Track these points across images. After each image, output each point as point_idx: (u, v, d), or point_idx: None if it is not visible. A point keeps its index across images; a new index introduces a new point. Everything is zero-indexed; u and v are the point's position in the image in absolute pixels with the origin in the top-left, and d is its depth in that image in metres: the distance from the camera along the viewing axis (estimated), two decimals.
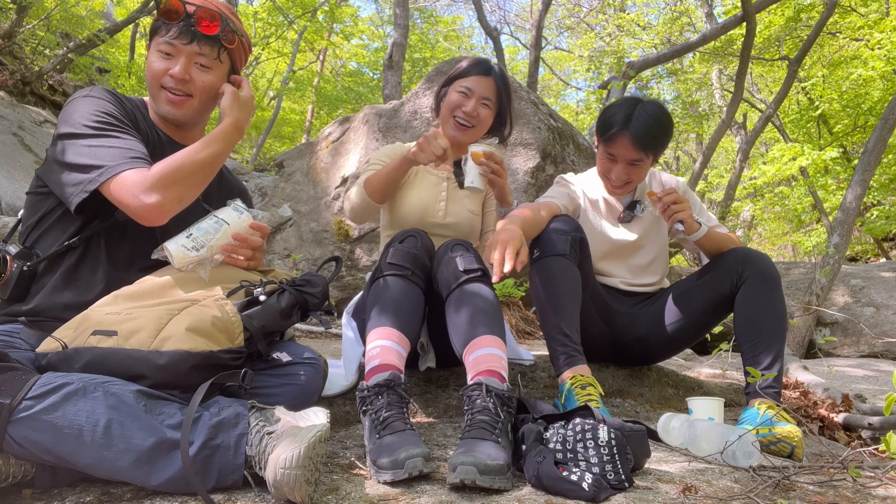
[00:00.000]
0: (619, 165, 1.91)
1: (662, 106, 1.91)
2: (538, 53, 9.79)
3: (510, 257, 1.48)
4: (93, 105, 1.35)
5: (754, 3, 6.64)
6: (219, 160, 1.38)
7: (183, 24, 1.39)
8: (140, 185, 1.25)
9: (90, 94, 1.39)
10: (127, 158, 1.28)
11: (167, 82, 1.43)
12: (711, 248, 1.90)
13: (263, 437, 1.06)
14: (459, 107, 1.87)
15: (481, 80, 1.87)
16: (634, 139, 1.83)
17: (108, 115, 1.34)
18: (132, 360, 1.12)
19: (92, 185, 1.26)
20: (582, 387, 1.63)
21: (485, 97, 1.88)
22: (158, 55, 1.42)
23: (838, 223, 5.00)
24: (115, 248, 1.39)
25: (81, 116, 1.32)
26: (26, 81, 7.89)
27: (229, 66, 1.50)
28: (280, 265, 4.21)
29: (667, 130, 1.89)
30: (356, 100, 14.00)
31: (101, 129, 1.31)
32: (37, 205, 1.39)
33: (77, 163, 1.28)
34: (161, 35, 1.41)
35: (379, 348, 1.41)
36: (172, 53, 1.42)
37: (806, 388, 2.49)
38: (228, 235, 1.37)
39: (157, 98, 1.46)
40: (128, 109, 1.42)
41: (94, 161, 1.27)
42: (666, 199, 1.79)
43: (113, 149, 1.29)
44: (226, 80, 1.49)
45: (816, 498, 1.16)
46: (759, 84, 13.44)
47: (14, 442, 1.01)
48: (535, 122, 3.79)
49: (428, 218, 1.91)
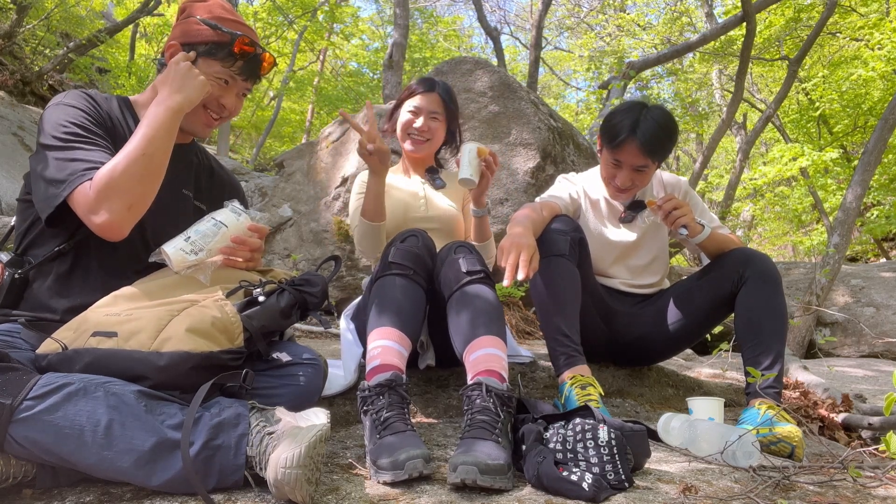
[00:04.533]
0: (624, 171, 1.91)
1: (667, 111, 1.92)
2: (538, 53, 9.79)
3: (524, 264, 1.50)
4: (62, 114, 1.33)
5: (754, 3, 6.65)
6: (159, 154, 1.29)
7: (247, 64, 1.46)
8: (86, 202, 1.23)
9: (62, 101, 1.36)
10: (87, 171, 1.26)
11: (213, 107, 1.48)
12: (713, 249, 1.90)
13: (264, 437, 1.06)
14: (411, 124, 2.02)
15: (427, 97, 2.02)
16: (642, 146, 1.83)
17: (76, 126, 1.32)
18: (132, 361, 1.12)
19: (56, 199, 1.25)
20: (582, 387, 1.63)
21: (432, 111, 2.02)
22: (215, 81, 1.44)
23: (838, 223, 5.01)
24: (106, 253, 1.36)
25: (52, 127, 1.31)
26: (26, 81, 7.89)
27: None
28: (280, 265, 4.21)
29: (672, 136, 1.89)
30: (356, 100, 14.00)
31: (68, 141, 1.29)
32: (26, 211, 1.38)
33: (45, 175, 1.28)
34: (223, 64, 1.44)
35: (380, 348, 1.41)
36: (230, 83, 1.47)
37: (806, 388, 2.49)
38: (227, 238, 1.36)
39: (192, 115, 1.44)
40: (103, 114, 1.40)
41: (60, 175, 1.26)
42: (666, 206, 1.79)
43: (76, 161, 1.27)
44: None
45: (816, 498, 1.16)
46: (759, 84, 13.44)
47: (15, 442, 1.01)
48: (535, 122, 3.80)
49: (411, 213, 1.99)
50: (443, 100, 2.02)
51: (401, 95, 2.10)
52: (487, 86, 3.90)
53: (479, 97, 3.88)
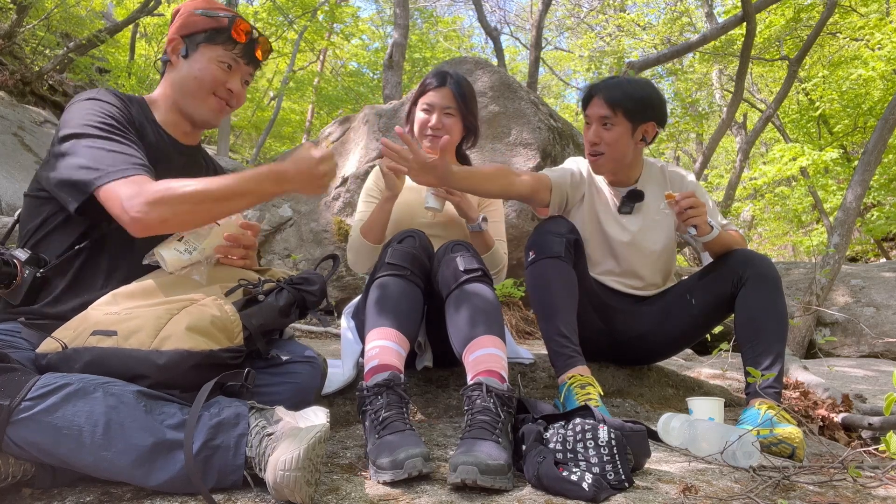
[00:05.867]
0: (592, 127, 1.92)
1: (647, 80, 1.96)
2: (538, 53, 9.78)
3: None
4: (97, 108, 1.34)
5: (754, 3, 6.65)
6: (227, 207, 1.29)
7: (246, 47, 1.48)
8: (131, 194, 1.22)
9: (95, 96, 1.37)
10: (127, 165, 1.26)
11: (221, 92, 1.48)
12: (718, 249, 1.89)
13: (263, 438, 1.06)
14: (426, 124, 2.00)
15: (438, 93, 2.01)
16: (606, 97, 1.87)
17: (112, 118, 1.33)
18: (132, 360, 1.12)
19: (89, 187, 1.24)
20: (581, 386, 1.63)
21: (445, 107, 2.00)
22: (219, 66, 1.45)
23: (838, 223, 5.00)
24: (122, 250, 1.37)
25: (85, 118, 1.31)
26: (26, 81, 7.89)
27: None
28: (280, 265, 4.21)
29: (643, 94, 1.89)
30: (356, 100, 14.00)
31: (104, 133, 1.30)
32: (38, 208, 1.37)
33: (78, 164, 1.26)
34: (225, 48, 1.46)
35: (378, 348, 1.41)
36: (233, 67, 1.48)
37: (806, 389, 2.49)
38: (220, 236, 1.36)
39: (203, 103, 1.47)
40: (133, 113, 1.41)
41: (94, 164, 1.25)
42: (683, 202, 1.78)
43: (114, 153, 1.27)
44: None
45: (816, 498, 1.16)
46: (759, 84, 13.45)
47: (13, 443, 1.01)
48: (535, 122, 3.79)
49: (417, 219, 1.97)
50: (454, 94, 2.00)
51: (415, 91, 2.08)
52: (487, 86, 3.90)
53: (479, 97, 3.86)
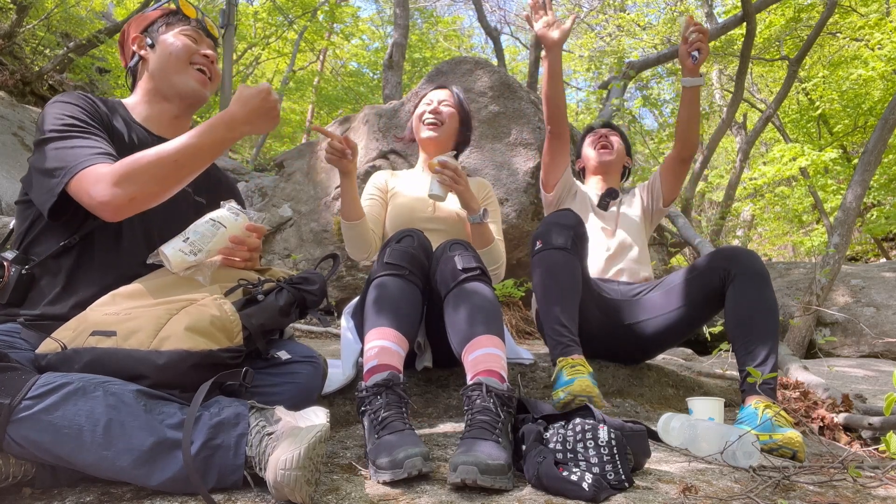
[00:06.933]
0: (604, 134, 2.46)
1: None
2: (538, 53, 9.77)
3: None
4: (59, 109, 1.35)
5: (754, 4, 6.64)
6: (188, 166, 1.28)
7: (199, 22, 1.58)
8: (94, 181, 1.22)
9: (60, 98, 1.39)
10: (87, 156, 1.26)
11: (197, 59, 1.53)
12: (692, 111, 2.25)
13: (263, 437, 1.06)
14: (425, 111, 2.10)
15: (438, 91, 2.17)
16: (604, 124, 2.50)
17: (73, 118, 1.34)
18: (132, 360, 1.12)
19: (58, 187, 1.25)
20: (572, 366, 1.62)
21: (443, 100, 2.13)
22: (184, 38, 1.52)
23: (838, 223, 5.00)
24: (111, 244, 1.38)
25: (49, 122, 1.32)
26: (26, 81, 7.88)
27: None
28: (280, 265, 4.21)
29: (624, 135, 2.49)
30: (356, 100, 13.99)
31: (66, 132, 1.31)
32: (25, 212, 1.39)
33: (46, 168, 1.28)
34: (182, 25, 1.54)
35: (377, 349, 1.41)
36: (197, 39, 1.55)
37: (806, 389, 2.49)
38: (225, 239, 1.36)
39: (185, 74, 1.51)
40: (101, 111, 1.42)
41: (59, 164, 1.26)
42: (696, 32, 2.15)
43: (75, 149, 1.28)
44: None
45: (816, 498, 1.16)
46: (759, 84, 13.44)
47: (14, 442, 1.01)
48: (535, 122, 3.79)
49: (417, 214, 2.01)
50: (454, 93, 2.14)
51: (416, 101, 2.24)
52: (487, 86, 3.90)
53: (479, 97, 3.88)
